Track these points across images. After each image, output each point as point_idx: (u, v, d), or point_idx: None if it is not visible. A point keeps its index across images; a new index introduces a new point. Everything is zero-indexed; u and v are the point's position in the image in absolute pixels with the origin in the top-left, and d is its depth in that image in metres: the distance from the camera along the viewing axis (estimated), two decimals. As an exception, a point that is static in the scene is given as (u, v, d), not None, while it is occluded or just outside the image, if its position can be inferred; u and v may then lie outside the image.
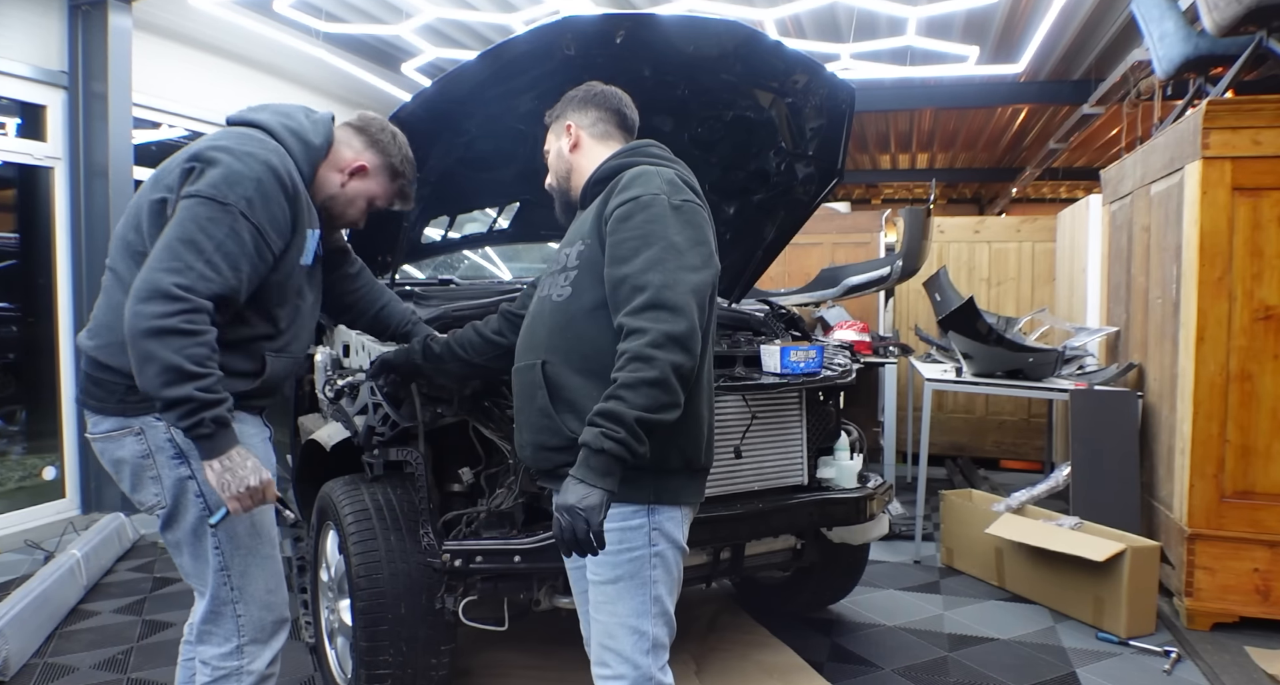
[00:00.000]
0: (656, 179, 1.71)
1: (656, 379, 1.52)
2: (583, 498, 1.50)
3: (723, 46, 2.75)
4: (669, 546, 1.72)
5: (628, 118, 1.98)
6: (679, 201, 1.69)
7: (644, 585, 1.68)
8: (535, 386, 1.74)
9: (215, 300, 1.71)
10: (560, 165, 1.96)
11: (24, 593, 3.36)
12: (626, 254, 1.63)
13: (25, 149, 4.81)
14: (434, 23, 6.27)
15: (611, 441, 1.50)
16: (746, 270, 3.66)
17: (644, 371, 1.53)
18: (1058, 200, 15.26)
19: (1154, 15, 4.19)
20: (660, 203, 1.67)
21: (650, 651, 1.69)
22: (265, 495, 1.78)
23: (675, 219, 1.66)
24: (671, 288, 1.58)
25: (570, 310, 1.73)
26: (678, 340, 1.55)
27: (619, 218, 1.67)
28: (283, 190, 1.81)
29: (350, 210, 2.08)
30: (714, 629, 3.45)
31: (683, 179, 1.77)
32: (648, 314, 1.56)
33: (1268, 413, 3.39)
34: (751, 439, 2.77)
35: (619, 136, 1.96)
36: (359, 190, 2.06)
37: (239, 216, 1.73)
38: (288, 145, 1.89)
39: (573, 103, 1.97)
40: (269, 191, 1.79)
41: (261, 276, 1.83)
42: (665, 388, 1.53)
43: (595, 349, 1.68)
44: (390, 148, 2.07)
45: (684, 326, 1.56)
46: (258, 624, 1.95)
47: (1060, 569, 3.67)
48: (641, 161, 1.82)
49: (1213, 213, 3.42)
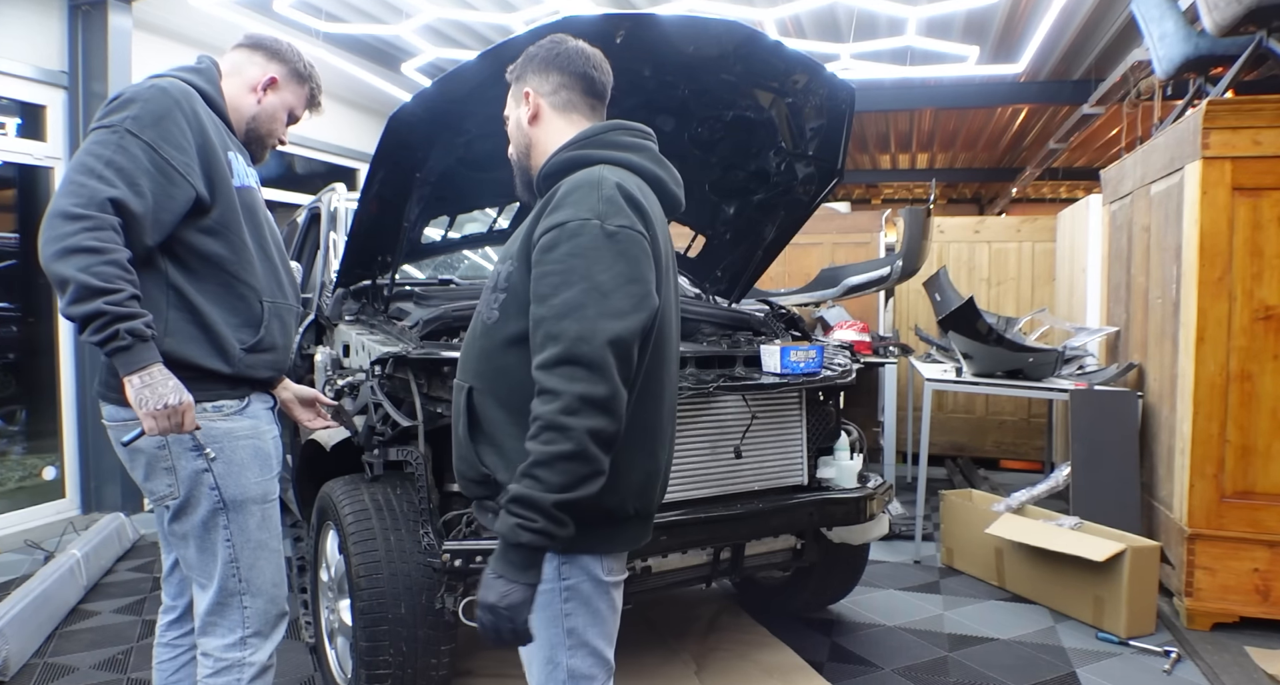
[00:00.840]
0: (593, 196, 1.46)
1: (572, 452, 1.34)
2: (504, 596, 1.36)
3: (723, 46, 2.75)
4: (585, 580, 1.57)
5: (596, 82, 1.69)
6: (614, 227, 1.44)
7: (555, 619, 1.56)
8: (459, 412, 1.60)
9: (117, 209, 1.71)
10: (520, 138, 1.73)
11: (24, 593, 3.36)
12: (545, 292, 1.43)
13: (25, 149, 4.81)
14: (434, 23, 6.27)
15: (529, 533, 1.34)
16: (746, 270, 3.66)
17: (558, 444, 1.35)
18: (1058, 200, 15.26)
19: (1154, 15, 4.19)
20: (590, 230, 1.42)
21: (567, 682, 1.59)
22: (184, 419, 1.74)
23: (606, 251, 1.42)
24: (588, 340, 1.37)
25: (495, 337, 1.56)
26: (595, 403, 1.35)
27: (543, 247, 1.45)
28: (178, 107, 1.84)
29: (274, 126, 2.11)
30: (714, 629, 3.45)
31: (628, 193, 1.50)
32: (560, 371, 1.37)
33: (1268, 413, 3.39)
34: (751, 439, 2.77)
35: (585, 107, 1.68)
36: (276, 103, 2.09)
37: (125, 133, 1.76)
38: (181, 76, 1.94)
39: (533, 63, 1.69)
40: (159, 110, 1.81)
41: (188, 200, 1.84)
42: (583, 459, 1.36)
43: (519, 383, 1.49)
44: (290, 55, 2.11)
45: (603, 389, 1.36)
46: (263, 616, 1.97)
47: (1060, 569, 3.67)
48: (600, 156, 1.59)
49: (1213, 213, 3.42)
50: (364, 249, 2.96)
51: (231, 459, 1.91)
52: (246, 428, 1.95)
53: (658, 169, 1.63)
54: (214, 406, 1.88)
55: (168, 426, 1.73)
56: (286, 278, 2.08)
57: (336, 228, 3.69)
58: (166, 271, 1.85)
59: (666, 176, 1.65)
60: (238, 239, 1.93)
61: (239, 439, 1.93)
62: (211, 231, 1.88)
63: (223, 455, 1.90)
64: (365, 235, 2.89)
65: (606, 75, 1.72)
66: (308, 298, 3.39)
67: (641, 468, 1.56)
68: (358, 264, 3.03)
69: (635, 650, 3.22)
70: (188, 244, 1.87)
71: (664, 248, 1.58)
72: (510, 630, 1.38)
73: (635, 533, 1.62)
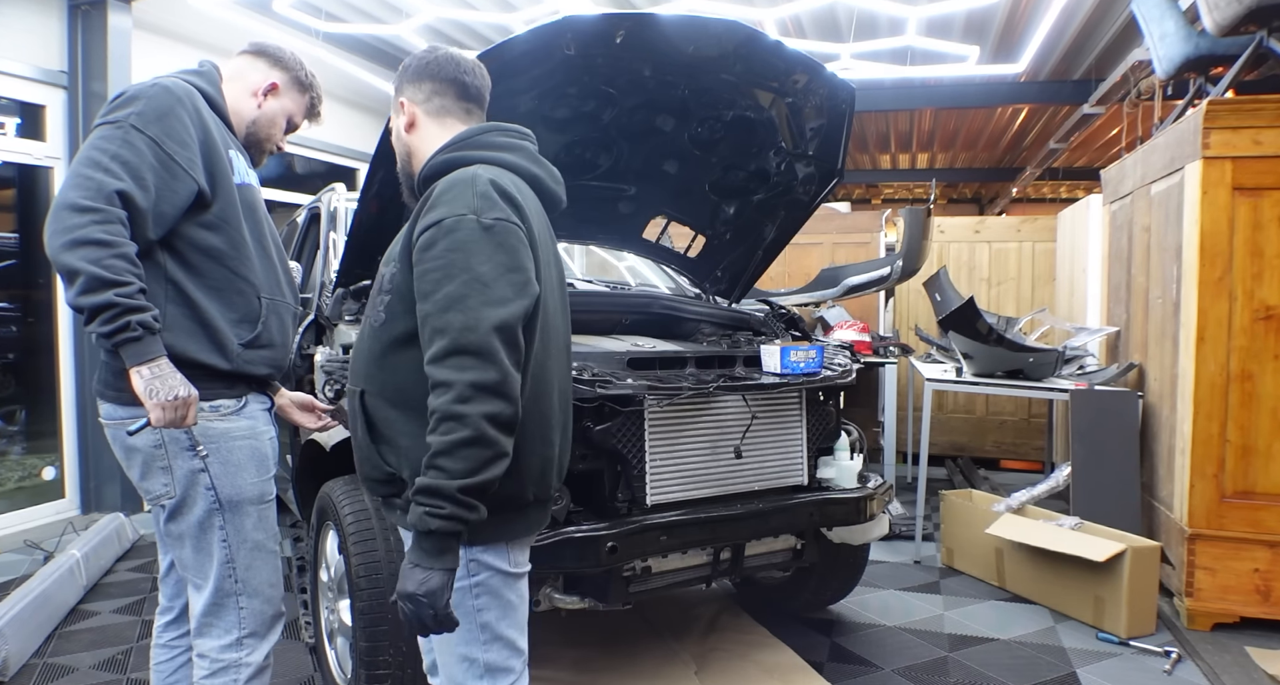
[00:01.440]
0: (468, 193, 1.50)
1: (471, 438, 1.39)
2: (422, 583, 1.39)
3: (723, 46, 2.75)
4: (494, 574, 1.62)
5: (470, 87, 1.73)
6: (490, 220, 1.49)
7: (468, 614, 1.60)
8: (355, 415, 1.64)
9: (124, 202, 1.73)
10: (400, 146, 1.77)
11: (24, 593, 3.36)
12: (428, 289, 1.47)
13: (25, 149, 4.80)
14: (434, 23, 6.27)
15: (438, 519, 1.38)
16: (746, 270, 3.66)
17: (457, 432, 1.39)
18: (1058, 200, 15.26)
19: (1154, 15, 4.18)
20: (466, 225, 1.47)
21: (484, 676, 1.62)
22: (189, 413, 1.76)
23: (484, 243, 1.47)
24: (474, 329, 1.42)
25: (384, 339, 1.59)
26: (487, 389, 1.40)
27: (421, 246, 1.50)
28: (180, 105, 1.86)
29: (273, 131, 2.13)
30: (714, 629, 3.45)
31: (502, 189, 1.54)
32: (450, 362, 1.42)
33: (1268, 413, 3.39)
34: (751, 439, 2.77)
35: (459, 111, 1.72)
36: (275, 109, 2.12)
37: (130, 129, 1.78)
38: (185, 78, 1.96)
39: (407, 73, 1.74)
40: (163, 106, 1.83)
41: (190, 194, 1.85)
42: (483, 443, 1.40)
43: (410, 381, 1.54)
44: (292, 63, 2.13)
45: (493, 374, 1.41)
46: (259, 617, 1.97)
47: (1060, 569, 3.67)
48: (475, 156, 1.63)
49: (1213, 213, 3.42)
50: (364, 249, 2.96)
51: (228, 459, 1.91)
52: (243, 428, 1.95)
53: (534, 167, 1.69)
54: (211, 407, 1.88)
55: (174, 418, 1.74)
56: (285, 277, 2.09)
57: (336, 228, 3.69)
58: (165, 266, 1.85)
59: (543, 174, 1.70)
60: (237, 234, 1.93)
61: (236, 439, 1.93)
62: (211, 226, 1.89)
63: (219, 456, 1.90)
64: (365, 235, 2.88)
65: (481, 80, 1.75)
66: (307, 298, 3.39)
67: (538, 454, 1.62)
68: (358, 264, 3.02)
69: (635, 650, 3.22)
70: (187, 238, 1.87)
71: (543, 242, 1.63)
72: (432, 616, 1.41)
73: (535, 518, 1.68)
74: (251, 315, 1.94)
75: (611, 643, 3.28)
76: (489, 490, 1.44)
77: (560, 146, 3.19)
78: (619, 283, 3.98)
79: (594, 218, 3.62)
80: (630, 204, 3.60)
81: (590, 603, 2.58)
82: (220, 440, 1.90)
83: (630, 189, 3.50)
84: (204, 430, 1.86)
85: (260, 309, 1.96)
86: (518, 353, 1.48)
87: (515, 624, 1.68)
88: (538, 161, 1.71)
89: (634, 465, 2.53)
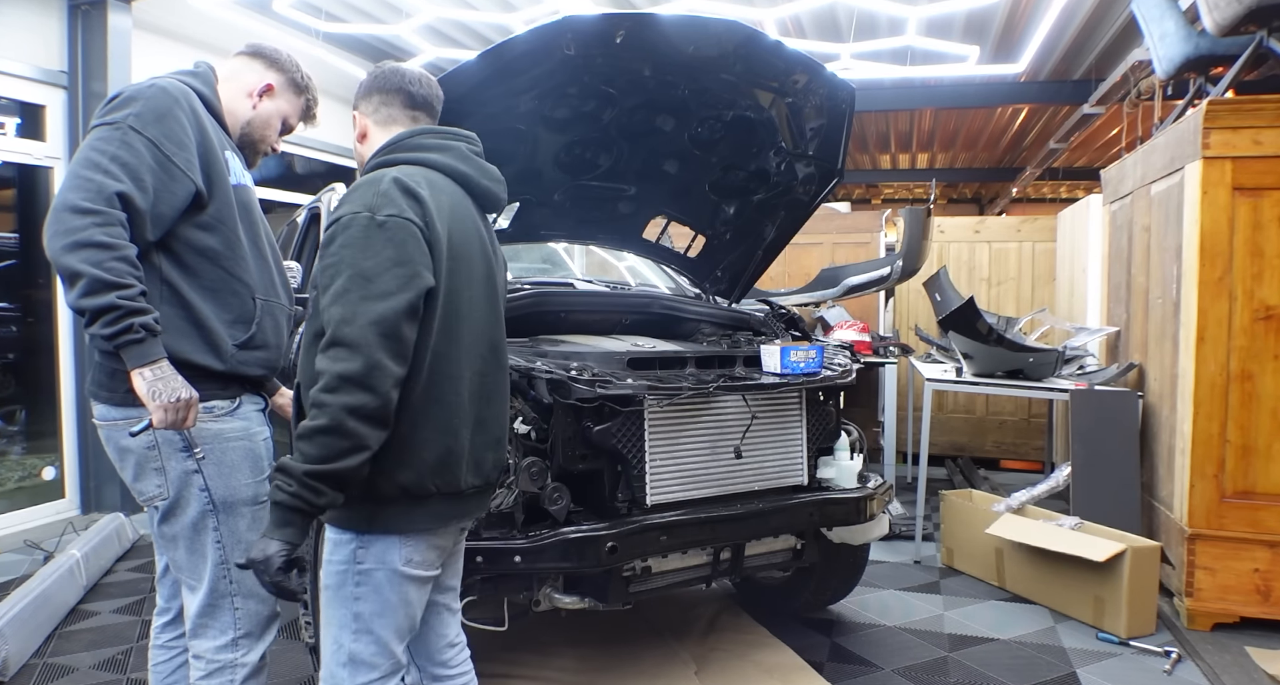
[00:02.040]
0: (369, 191, 1.58)
1: (327, 426, 1.46)
2: (260, 549, 1.48)
3: (723, 46, 2.75)
4: (380, 567, 1.64)
5: (415, 95, 1.80)
6: (384, 217, 1.55)
7: (345, 600, 1.64)
8: (295, 408, 1.74)
9: (124, 204, 1.73)
10: (357, 157, 1.87)
11: (24, 593, 3.36)
12: (324, 282, 1.56)
13: (25, 149, 4.80)
14: (434, 23, 6.27)
15: (284, 494, 1.46)
16: (746, 270, 3.66)
17: (317, 419, 1.47)
18: (1058, 200, 15.26)
19: (1154, 15, 4.18)
20: (359, 222, 1.55)
21: (347, 665, 1.65)
22: (190, 415, 1.78)
23: (375, 239, 1.54)
24: (350, 322, 1.49)
25: (308, 333, 1.66)
26: (351, 380, 1.47)
27: (323, 243, 1.59)
28: (178, 105, 1.86)
29: (268, 132, 2.14)
30: (714, 629, 3.45)
31: (406, 186, 1.60)
32: (328, 353, 1.50)
33: (1268, 413, 3.39)
34: (751, 439, 2.77)
35: (405, 119, 1.80)
36: (271, 110, 2.12)
37: (129, 130, 1.79)
38: (181, 78, 1.97)
39: (360, 90, 1.84)
40: (161, 107, 1.84)
41: (188, 195, 1.85)
42: (340, 433, 1.46)
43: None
44: (288, 65, 2.14)
45: (358, 365, 1.47)
46: (254, 617, 1.97)
47: (1060, 569, 3.67)
48: (401, 158, 1.70)
49: (1213, 213, 3.42)
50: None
51: (222, 461, 1.91)
52: (238, 429, 1.95)
53: (462, 166, 1.75)
54: (205, 408, 1.88)
55: (175, 420, 1.75)
56: (280, 278, 2.09)
57: (336, 228, 3.68)
58: (160, 266, 1.85)
59: (473, 172, 1.76)
60: (232, 235, 1.93)
61: (230, 441, 1.93)
62: (207, 226, 1.89)
63: (213, 457, 1.90)
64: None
65: (427, 89, 1.83)
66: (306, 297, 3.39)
67: (438, 444, 1.64)
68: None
69: (635, 650, 3.22)
70: (183, 238, 1.87)
71: (461, 237, 1.68)
72: (268, 583, 1.49)
73: (439, 510, 1.68)
74: (246, 316, 1.94)
75: (611, 643, 3.28)
76: (345, 478, 1.49)
77: (560, 146, 3.19)
78: (619, 283, 3.98)
79: (594, 218, 3.62)
80: (630, 204, 3.60)
81: (590, 603, 2.58)
82: (214, 441, 1.90)
83: (630, 189, 3.50)
84: (198, 431, 1.86)
85: (255, 310, 1.96)
86: (399, 345, 1.53)
87: (392, 626, 1.67)
88: (468, 160, 1.76)
89: (634, 465, 2.53)
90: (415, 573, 1.68)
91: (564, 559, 2.39)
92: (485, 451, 1.75)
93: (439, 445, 1.64)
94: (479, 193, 1.78)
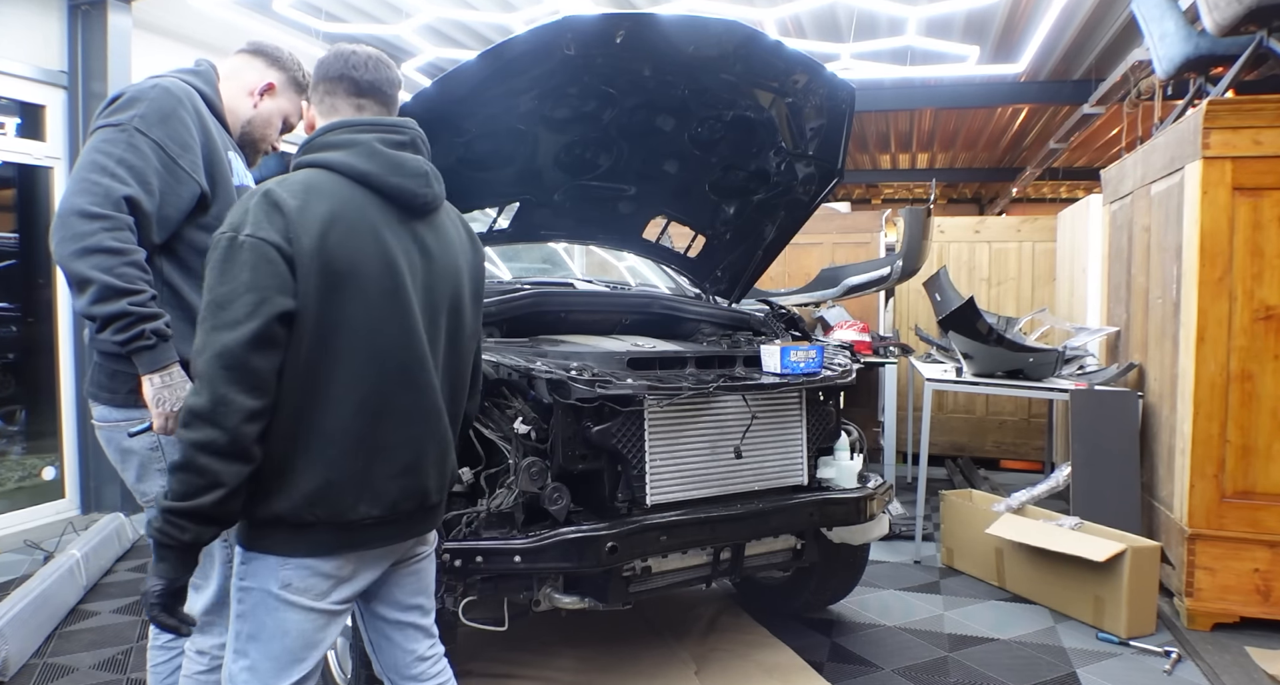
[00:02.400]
0: (241, 209, 1.50)
1: (181, 463, 1.41)
2: (146, 586, 1.47)
3: (723, 46, 2.75)
4: (257, 588, 1.55)
5: (360, 81, 1.65)
6: (244, 237, 1.45)
7: (232, 617, 1.60)
8: None
9: (131, 208, 1.73)
10: None
11: (24, 593, 3.36)
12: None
13: (25, 149, 4.80)
14: (434, 23, 6.27)
15: (153, 529, 1.43)
16: (746, 270, 3.66)
17: (177, 455, 1.43)
18: (1058, 200, 15.26)
19: (1154, 15, 4.18)
20: (223, 243, 1.47)
21: (230, 681, 1.58)
22: None
23: (232, 262, 1.45)
24: (200, 353, 1.43)
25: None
26: (199, 415, 1.40)
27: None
28: (181, 106, 1.86)
29: (268, 131, 2.14)
30: (714, 629, 3.45)
31: (275, 200, 1.48)
32: (191, 385, 1.46)
33: (1268, 413, 3.39)
34: (751, 439, 2.77)
35: (349, 108, 1.66)
36: (271, 109, 2.12)
37: (134, 132, 1.78)
38: (183, 77, 1.97)
39: (311, 79, 1.72)
40: (165, 108, 1.83)
41: (194, 197, 1.86)
42: (193, 470, 1.40)
43: None
44: (289, 63, 2.14)
45: (203, 400, 1.40)
46: None
47: (1060, 569, 3.67)
48: (306, 160, 1.59)
49: (1213, 213, 3.42)
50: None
51: None
52: None
53: (363, 163, 1.57)
54: None
55: (174, 427, 1.74)
56: None
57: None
58: (162, 269, 1.85)
59: (377, 169, 1.58)
60: None
61: None
62: (210, 228, 1.89)
63: None
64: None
65: (373, 72, 1.67)
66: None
67: (317, 475, 1.51)
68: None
69: (635, 650, 3.22)
70: (187, 240, 1.87)
71: (347, 248, 1.51)
72: (150, 618, 1.47)
73: (324, 540, 1.55)
74: None
75: (611, 643, 3.28)
76: (208, 515, 1.42)
77: (560, 146, 3.19)
78: (619, 283, 3.98)
79: (594, 218, 3.62)
80: (630, 204, 3.60)
81: (590, 603, 2.58)
82: None
83: (630, 189, 3.50)
84: None
85: None
86: (249, 376, 1.42)
87: (267, 653, 1.56)
88: (374, 156, 1.58)
89: (634, 465, 2.53)
90: (295, 599, 1.55)
91: (564, 559, 2.39)
92: (389, 481, 1.58)
93: (316, 476, 1.51)
94: (389, 192, 1.59)
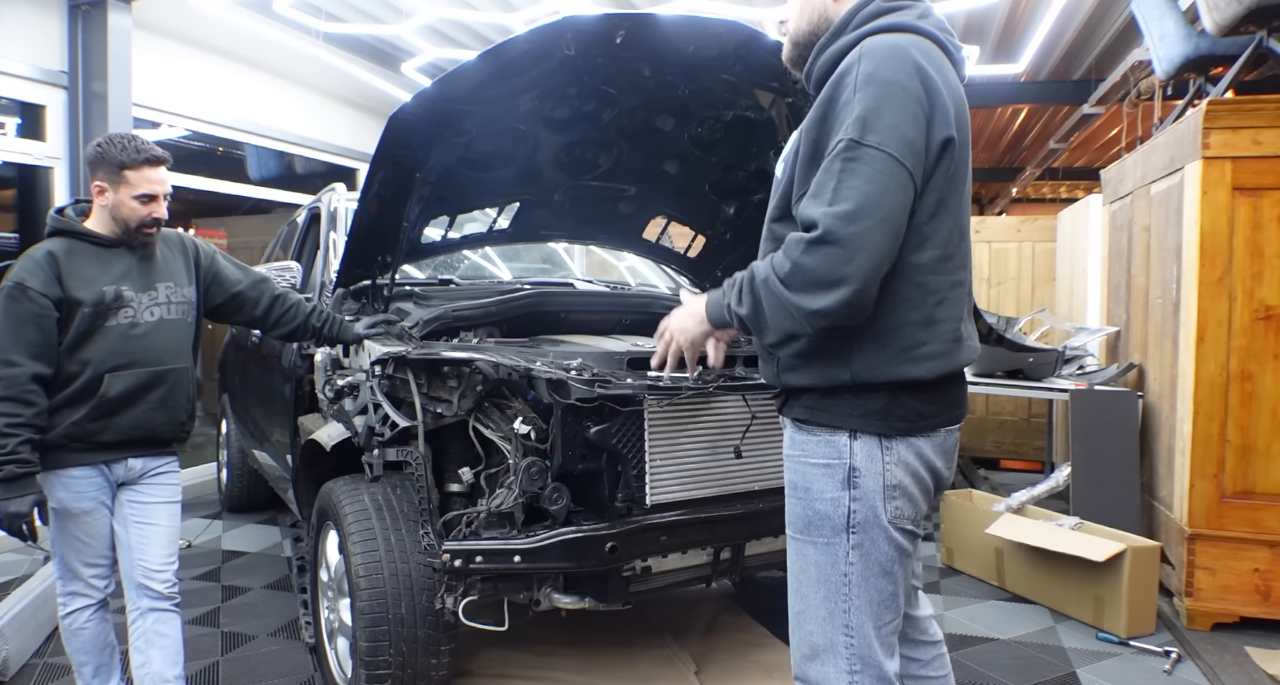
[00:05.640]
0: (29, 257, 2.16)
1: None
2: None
3: (723, 46, 2.75)
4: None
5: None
6: (11, 285, 1.99)
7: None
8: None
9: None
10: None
11: (24, 593, 3.36)
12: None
13: (25, 149, 4.80)
14: (434, 23, 6.26)
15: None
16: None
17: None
18: (1058, 200, 15.24)
19: (1154, 15, 4.19)
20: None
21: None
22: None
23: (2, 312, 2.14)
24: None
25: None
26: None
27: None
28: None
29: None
30: (714, 629, 3.45)
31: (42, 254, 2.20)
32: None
33: (1268, 413, 3.39)
34: (751, 439, 2.77)
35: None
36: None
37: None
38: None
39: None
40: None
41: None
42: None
43: None
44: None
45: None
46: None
47: (1060, 569, 3.67)
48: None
49: (1213, 213, 3.42)
50: (364, 249, 2.96)
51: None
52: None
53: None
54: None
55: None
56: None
57: (336, 228, 3.69)
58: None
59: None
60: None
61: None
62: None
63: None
64: (365, 235, 2.88)
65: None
66: (307, 297, 3.39)
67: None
68: (358, 264, 3.02)
69: (635, 650, 3.22)
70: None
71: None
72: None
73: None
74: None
75: (611, 643, 3.28)
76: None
77: (560, 146, 3.19)
78: (619, 283, 3.98)
79: (594, 218, 3.62)
80: (630, 204, 3.60)
81: (590, 603, 2.58)
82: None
83: (630, 189, 3.50)
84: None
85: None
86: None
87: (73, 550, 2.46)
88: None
89: (634, 465, 2.53)
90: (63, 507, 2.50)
91: (564, 559, 2.39)
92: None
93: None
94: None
